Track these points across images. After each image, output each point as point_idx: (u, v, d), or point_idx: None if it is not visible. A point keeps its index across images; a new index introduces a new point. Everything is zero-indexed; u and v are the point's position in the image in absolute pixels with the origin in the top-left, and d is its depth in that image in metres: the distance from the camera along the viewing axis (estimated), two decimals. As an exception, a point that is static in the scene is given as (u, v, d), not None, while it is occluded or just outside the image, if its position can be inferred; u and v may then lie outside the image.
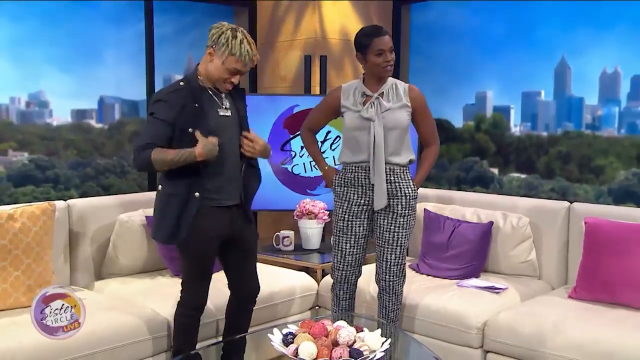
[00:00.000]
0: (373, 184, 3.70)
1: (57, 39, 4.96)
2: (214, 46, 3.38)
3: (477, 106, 5.43)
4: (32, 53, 4.86)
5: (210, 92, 3.48)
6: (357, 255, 3.86)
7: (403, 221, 3.75)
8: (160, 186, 3.49)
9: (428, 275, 4.46)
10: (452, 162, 5.59)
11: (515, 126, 5.27)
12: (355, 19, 5.52)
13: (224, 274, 3.73)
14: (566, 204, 4.39)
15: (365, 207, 3.78)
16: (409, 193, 3.74)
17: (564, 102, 5.00)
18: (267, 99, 5.30)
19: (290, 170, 5.34)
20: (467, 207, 4.67)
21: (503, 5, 5.21)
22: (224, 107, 3.50)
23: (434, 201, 4.86)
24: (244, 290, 3.78)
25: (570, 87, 4.95)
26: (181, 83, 3.46)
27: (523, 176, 5.23)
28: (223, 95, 3.52)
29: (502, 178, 5.33)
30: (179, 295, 3.61)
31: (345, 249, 3.84)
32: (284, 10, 5.64)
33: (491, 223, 4.44)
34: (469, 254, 4.40)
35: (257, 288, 3.81)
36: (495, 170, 5.38)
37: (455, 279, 4.34)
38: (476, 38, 5.38)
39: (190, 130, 3.35)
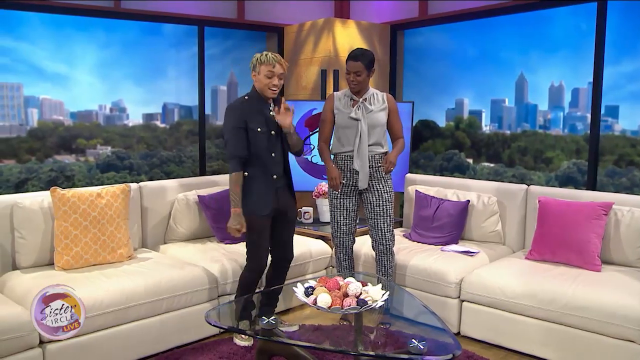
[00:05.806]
0: (357, 170, 3.72)
1: (132, 60, 5.07)
2: (253, 69, 3.51)
3: (457, 110, 5.41)
4: (114, 72, 4.98)
5: (263, 101, 3.55)
6: (350, 225, 3.88)
7: (387, 196, 3.78)
8: (246, 173, 3.50)
9: (418, 242, 4.48)
10: (437, 154, 5.57)
11: (486, 126, 5.26)
12: (360, 41, 5.48)
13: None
14: (524, 186, 4.40)
15: (353, 187, 3.80)
16: (386, 175, 3.79)
17: (523, 107, 5.00)
18: (292, 103, 5.19)
19: (309, 159, 5.35)
20: (448, 189, 4.66)
21: (476, 33, 5.19)
22: (271, 112, 3.55)
23: (423, 184, 4.86)
24: (282, 255, 3.79)
25: (527, 96, 4.95)
26: (246, 97, 3.56)
27: (491, 165, 5.22)
28: (270, 105, 3.57)
29: (476, 166, 5.33)
30: (245, 260, 3.64)
31: (340, 220, 3.87)
32: (305, 35, 5.64)
33: (467, 201, 4.45)
34: (450, 225, 4.41)
35: (292, 255, 3.83)
36: (470, 160, 5.38)
37: (439, 244, 4.36)
38: (455, 58, 5.37)
39: (259, 130, 3.46)
